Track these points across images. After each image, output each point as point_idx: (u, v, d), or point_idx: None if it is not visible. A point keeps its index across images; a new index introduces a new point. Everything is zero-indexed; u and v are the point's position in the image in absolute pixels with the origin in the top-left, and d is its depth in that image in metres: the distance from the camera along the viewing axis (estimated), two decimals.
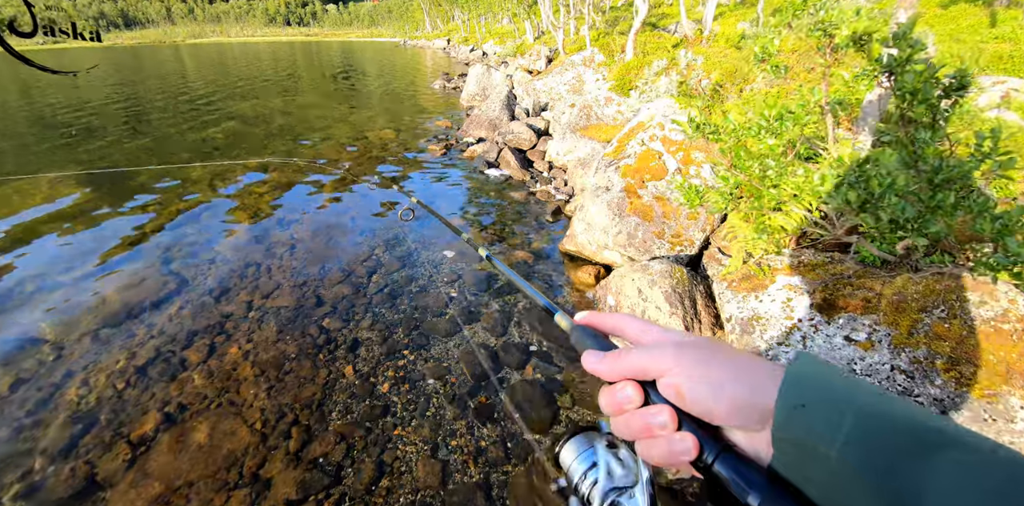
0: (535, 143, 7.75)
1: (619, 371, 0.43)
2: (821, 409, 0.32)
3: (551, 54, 13.41)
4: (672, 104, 4.23)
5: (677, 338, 0.44)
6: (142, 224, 5.47)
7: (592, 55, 9.71)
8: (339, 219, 5.44)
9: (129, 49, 79.92)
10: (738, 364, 0.39)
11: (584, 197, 4.22)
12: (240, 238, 5.09)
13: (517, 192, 6.02)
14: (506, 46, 23.64)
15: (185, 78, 22.10)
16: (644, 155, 3.83)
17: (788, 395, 0.34)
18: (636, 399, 0.41)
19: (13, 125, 11.50)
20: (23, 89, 19.01)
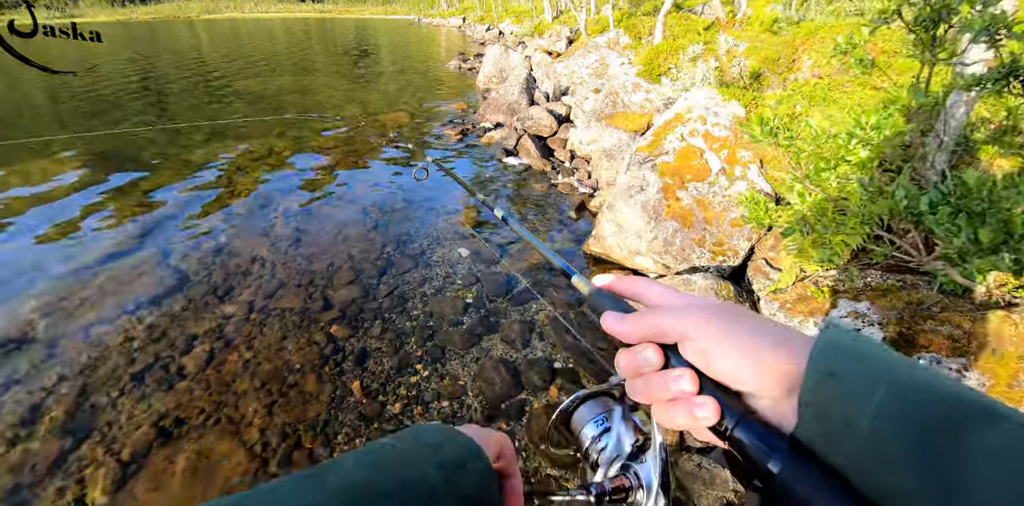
0: (556, 130, 7.35)
1: (641, 332, 0.41)
2: (853, 378, 0.30)
3: (572, 35, 12.82)
4: (714, 95, 3.84)
5: (701, 301, 0.42)
6: (143, 210, 5.23)
7: (617, 37, 9.19)
8: (348, 208, 5.15)
9: (144, 24, 79.29)
10: (767, 329, 0.37)
11: (614, 195, 3.88)
12: (244, 228, 4.83)
13: (537, 183, 5.67)
14: (523, 26, 22.86)
15: (200, 55, 21.72)
16: (684, 152, 3.47)
17: (819, 362, 0.32)
18: (656, 361, 0.40)
19: (29, 97, 11.31)
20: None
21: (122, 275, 4.21)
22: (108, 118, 9.34)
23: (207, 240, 4.68)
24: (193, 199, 5.57)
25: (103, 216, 5.20)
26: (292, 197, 5.47)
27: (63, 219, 5.12)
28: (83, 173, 6.31)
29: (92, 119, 9.36)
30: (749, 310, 0.41)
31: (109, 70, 16.15)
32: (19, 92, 12.50)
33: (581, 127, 6.17)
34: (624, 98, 6.24)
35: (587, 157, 6.20)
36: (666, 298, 0.44)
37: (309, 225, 4.86)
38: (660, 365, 0.40)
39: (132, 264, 4.36)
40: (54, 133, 8.17)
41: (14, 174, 6.36)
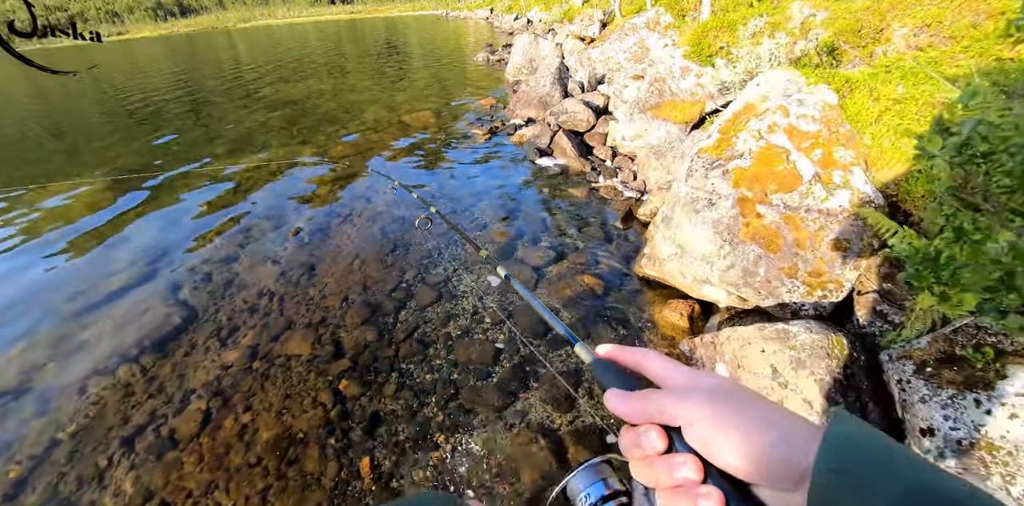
0: (593, 124, 6.63)
1: (645, 414, 0.40)
2: (861, 476, 0.30)
3: (605, 18, 11.92)
4: (795, 78, 3.07)
5: (707, 382, 0.40)
6: (156, 235, 4.92)
7: (657, 16, 8.30)
8: (365, 227, 4.66)
9: (185, 36, 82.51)
10: (773, 418, 0.36)
11: (672, 207, 3.19)
12: (255, 254, 4.43)
13: (576, 188, 5.01)
14: (552, 12, 21.91)
15: (238, 63, 21.96)
16: (764, 154, 2.73)
17: (827, 458, 0.31)
18: (660, 445, 0.38)
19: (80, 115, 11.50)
20: (94, 81, 19.44)
21: (127, 313, 3.89)
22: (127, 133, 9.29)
23: (217, 268, 4.32)
24: (204, 218, 5.24)
25: (116, 240, 4.94)
26: (305, 215, 5.04)
27: (76, 243, 4.90)
28: (99, 193, 6.11)
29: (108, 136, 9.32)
30: (754, 394, 0.39)
31: (139, 83, 16.45)
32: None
33: (623, 120, 5.44)
34: (672, 85, 5.46)
35: (631, 155, 5.48)
36: (669, 373, 0.43)
37: (323, 248, 4.40)
38: (663, 448, 0.38)
39: (138, 300, 4.03)
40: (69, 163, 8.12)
41: (21, 203, 6.22)
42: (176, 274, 4.34)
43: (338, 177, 5.99)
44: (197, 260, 4.50)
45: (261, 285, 4.00)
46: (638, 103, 5.39)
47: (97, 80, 19.97)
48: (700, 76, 5.44)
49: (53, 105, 14.59)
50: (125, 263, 4.69)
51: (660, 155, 4.70)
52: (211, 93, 13.39)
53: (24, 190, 6.59)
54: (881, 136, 2.76)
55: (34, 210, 5.88)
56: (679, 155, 4.43)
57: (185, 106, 11.76)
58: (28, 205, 6.06)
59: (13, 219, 5.66)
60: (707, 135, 3.24)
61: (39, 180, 7.03)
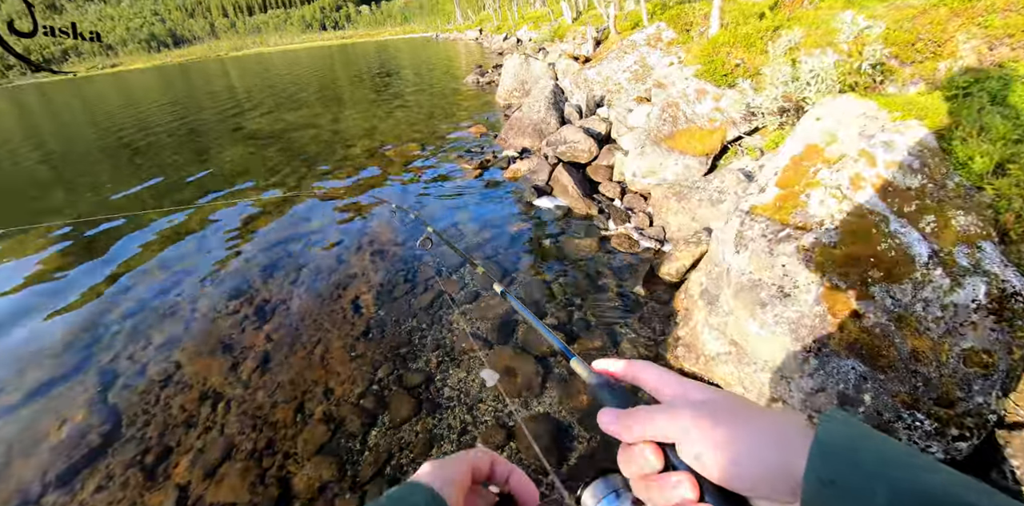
0: (596, 154, 5.91)
1: (637, 433, 0.40)
2: (853, 485, 0.29)
3: (599, 35, 11.36)
4: (872, 109, 2.33)
5: (697, 395, 0.40)
6: (97, 304, 4.13)
7: (658, 32, 7.68)
8: (334, 299, 3.89)
9: (178, 66, 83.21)
10: (764, 428, 0.36)
11: (719, 284, 2.42)
12: (202, 337, 3.66)
13: (582, 237, 4.24)
14: (542, 31, 21.56)
15: (233, 92, 21.48)
16: (853, 224, 1.97)
17: (816, 469, 0.31)
18: (656, 463, 0.38)
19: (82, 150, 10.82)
20: (92, 118, 18.92)
21: (38, 426, 3.11)
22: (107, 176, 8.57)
23: (156, 356, 3.55)
24: (157, 284, 4.48)
25: (52, 312, 4.19)
26: (266, 282, 4.27)
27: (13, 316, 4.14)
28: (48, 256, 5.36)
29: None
30: (744, 403, 0.39)
31: (123, 121, 15.86)
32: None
33: (633, 154, 4.71)
34: (686, 110, 4.75)
35: (643, 192, 4.73)
36: (664, 385, 0.43)
37: (282, 330, 3.62)
38: (659, 467, 0.38)
39: (58, 405, 3.25)
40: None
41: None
42: (113, 362, 3.58)
43: (308, 230, 5.24)
44: (137, 343, 3.74)
45: (204, 384, 3.22)
46: (649, 133, 4.66)
47: (92, 112, 19.45)
48: (719, 99, 4.74)
49: (32, 142, 13.95)
50: (58, 343, 3.93)
51: (681, 196, 3.95)
52: (201, 125, 12.76)
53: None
54: (1009, 192, 2.00)
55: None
56: (707, 200, 3.68)
57: (171, 139, 11.09)
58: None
59: None
60: (759, 187, 2.49)
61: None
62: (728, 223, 2.55)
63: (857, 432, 0.33)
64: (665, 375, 0.44)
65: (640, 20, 10.29)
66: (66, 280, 4.85)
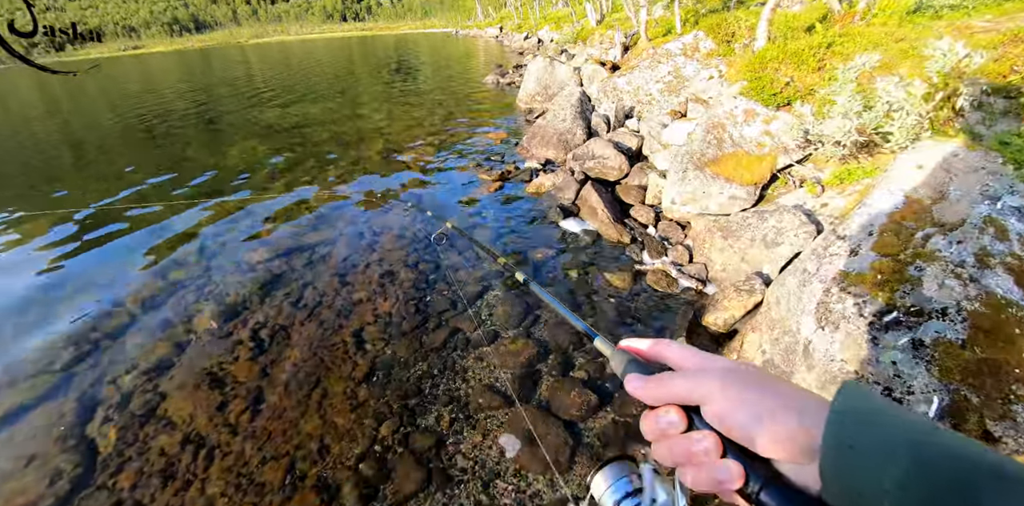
0: (627, 172, 5.50)
1: (663, 395, 0.41)
2: (869, 451, 0.30)
3: (628, 40, 10.92)
4: (994, 163, 1.92)
5: (722, 364, 0.42)
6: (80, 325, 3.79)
7: (695, 42, 7.25)
8: (335, 330, 3.52)
9: (198, 51, 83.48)
10: (785, 394, 0.37)
11: (795, 363, 2.02)
12: (187, 369, 3.30)
13: (614, 270, 3.83)
14: (564, 32, 21.13)
15: (251, 80, 21.21)
16: (986, 319, 1.54)
17: (834, 434, 0.32)
18: (679, 424, 0.40)
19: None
20: (111, 102, 18.73)
21: (11, 456, 2.80)
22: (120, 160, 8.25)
23: (141, 385, 3.23)
24: (151, 295, 4.13)
25: (35, 320, 3.85)
26: (265, 302, 3.90)
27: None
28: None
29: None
30: (766, 373, 0.41)
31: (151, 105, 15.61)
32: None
33: (673, 177, 4.29)
34: (733, 132, 4.33)
35: (681, 220, 4.32)
36: (688, 359, 0.44)
37: (279, 362, 3.26)
38: (683, 428, 0.39)
39: (28, 438, 2.93)
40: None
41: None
42: (96, 387, 3.26)
43: (306, 243, 4.87)
44: (124, 364, 3.42)
45: (189, 425, 2.87)
46: (691, 156, 4.25)
47: (111, 96, 19.27)
48: (769, 122, 4.31)
49: (50, 125, 13.69)
50: (38, 359, 3.61)
51: (728, 232, 3.54)
52: (217, 117, 12.45)
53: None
54: None
55: None
56: (760, 239, 3.27)
57: (184, 131, 10.79)
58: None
59: None
60: (847, 246, 2.08)
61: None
62: (805, 286, 2.13)
63: (875, 400, 0.34)
64: (687, 350, 0.45)
65: (672, 27, 9.84)
66: (53, 284, 4.52)
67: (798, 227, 3.07)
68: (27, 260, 5.01)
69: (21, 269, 4.83)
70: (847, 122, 3.12)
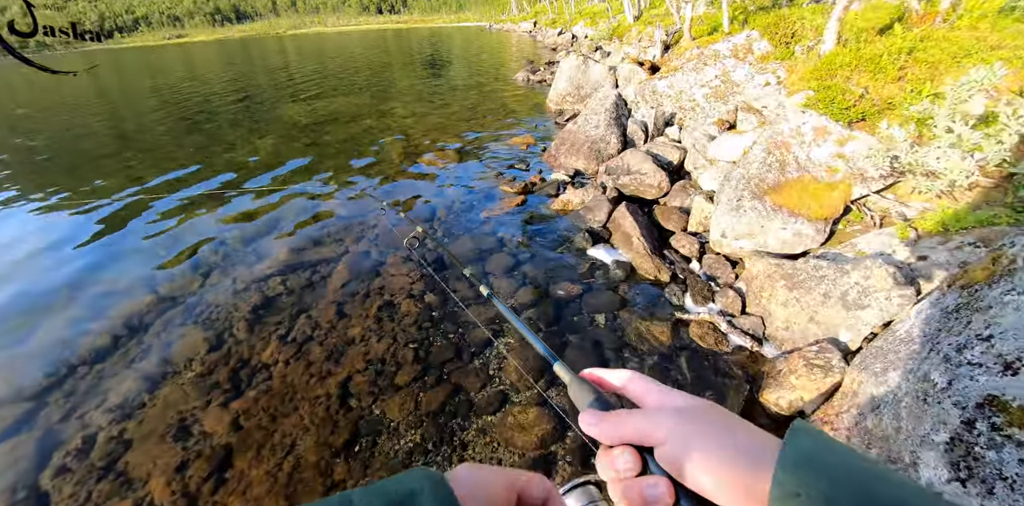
0: (666, 190, 4.87)
1: (617, 436, 0.40)
2: (815, 497, 0.30)
3: (669, 39, 10.15)
4: None
5: (679, 403, 0.41)
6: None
7: (748, 42, 6.51)
8: (314, 375, 3.04)
9: (238, 41, 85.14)
10: (739, 439, 0.36)
11: None
12: (170, 402, 2.88)
13: (650, 317, 3.23)
14: (599, 28, 20.31)
15: (288, 69, 21.13)
16: None
17: (782, 481, 0.32)
18: (633, 467, 0.39)
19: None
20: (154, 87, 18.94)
21: None
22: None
23: (107, 428, 2.89)
24: (138, 312, 3.75)
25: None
26: (253, 331, 3.46)
27: None
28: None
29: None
30: (723, 413, 0.40)
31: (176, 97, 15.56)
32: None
33: (725, 206, 3.65)
34: (799, 154, 3.67)
35: (733, 256, 3.69)
36: (647, 395, 0.43)
37: (252, 414, 2.80)
38: (637, 470, 0.39)
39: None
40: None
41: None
42: (63, 422, 2.94)
43: (306, 261, 4.41)
44: (95, 397, 3.09)
45: (144, 487, 2.45)
46: (748, 181, 3.60)
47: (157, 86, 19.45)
48: (843, 143, 3.63)
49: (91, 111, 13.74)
50: (9, 384, 3.28)
51: (794, 282, 2.90)
52: (245, 110, 12.23)
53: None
54: None
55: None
56: (837, 297, 2.63)
57: (214, 125, 10.56)
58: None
59: None
60: (999, 356, 1.46)
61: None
62: (927, 404, 1.53)
63: (823, 445, 0.34)
64: (650, 384, 0.44)
65: (719, 25, 9.04)
66: (48, 290, 4.20)
67: (890, 288, 2.43)
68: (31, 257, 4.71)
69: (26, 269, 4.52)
70: (960, 155, 2.44)
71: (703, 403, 0.41)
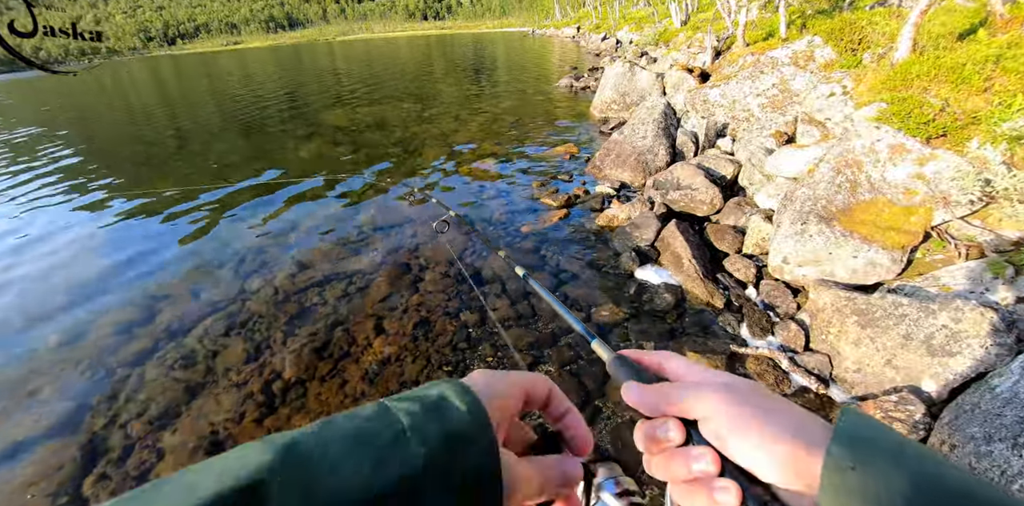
0: (719, 207, 4.60)
1: (661, 406, 0.40)
2: (871, 472, 0.30)
3: (720, 45, 9.78)
4: None
5: (724, 378, 0.41)
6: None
7: (809, 49, 6.14)
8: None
9: (291, 47, 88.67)
10: (788, 415, 0.36)
11: None
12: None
13: (704, 350, 2.98)
14: (644, 33, 19.93)
15: (337, 75, 21.78)
16: None
17: (838, 455, 0.31)
18: (677, 438, 0.38)
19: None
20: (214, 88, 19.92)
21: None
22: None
23: (147, 437, 2.91)
24: (179, 315, 3.80)
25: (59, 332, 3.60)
26: (286, 343, 3.42)
27: None
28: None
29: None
30: (768, 392, 0.39)
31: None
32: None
33: (788, 228, 3.38)
34: (873, 174, 3.36)
35: (794, 284, 3.41)
36: (689, 373, 0.43)
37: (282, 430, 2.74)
38: (680, 442, 0.38)
39: (20, 485, 2.64)
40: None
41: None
42: (107, 429, 2.99)
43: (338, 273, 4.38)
44: (137, 404, 3.14)
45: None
46: (815, 202, 3.32)
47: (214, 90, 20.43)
48: (924, 162, 3.30)
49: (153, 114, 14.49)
50: (57, 382, 3.36)
51: (868, 319, 2.62)
52: (288, 115, 12.60)
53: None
54: None
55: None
56: (920, 340, 2.33)
57: (257, 133, 10.91)
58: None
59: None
60: None
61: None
62: None
63: (877, 426, 0.33)
64: (691, 365, 0.44)
65: (774, 30, 8.61)
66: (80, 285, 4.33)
67: (987, 335, 2.13)
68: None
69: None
70: None
71: (747, 381, 0.40)
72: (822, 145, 4.36)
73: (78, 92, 25.51)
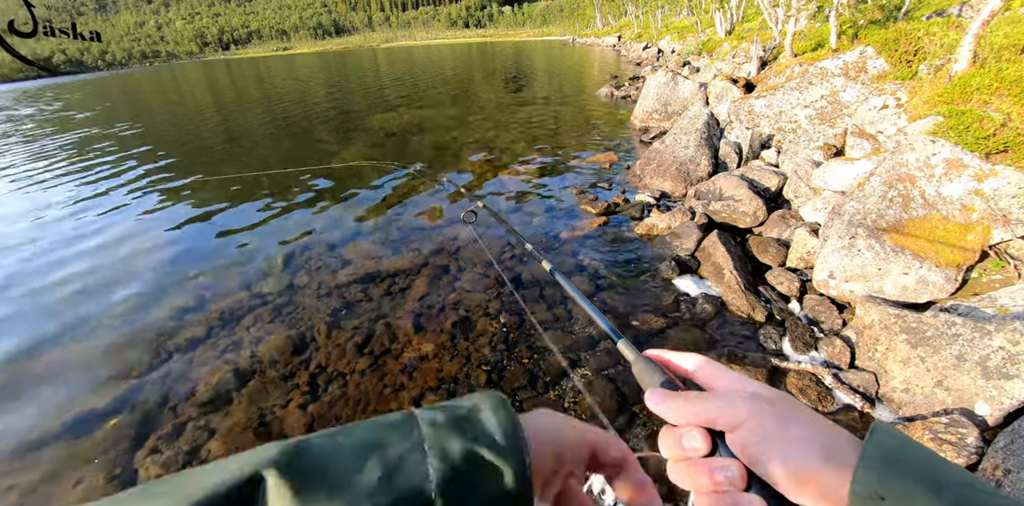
0: (762, 220, 4.54)
1: (687, 415, 0.38)
2: (902, 503, 0.28)
3: (766, 55, 9.62)
4: None
5: (753, 389, 0.39)
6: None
7: (861, 60, 6.00)
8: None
9: (337, 53, 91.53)
10: (816, 431, 0.34)
11: None
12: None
13: (744, 362, 2.95)
14: (687, 42, 19.73)
15: (379, 80, 22.48)
16: None
17: (865, 482, 0.30)
18: (703, 448, 0.37)
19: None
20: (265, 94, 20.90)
21: (58, 473, 2.75)
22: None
23: (196, 422, 3.02)
24: (216, 319, 4.01)
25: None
26: (321, 346, 3.56)
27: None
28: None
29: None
30: (800, 405, 0.38)
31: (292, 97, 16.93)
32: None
33: (835, 242, 3.32)
34: (927, 189, 3.27)
35: (840, 300, 3.33)
36: (717, 378, 0.41)
37: (320, 427, 2.85)
38: (706, 451, 0.37)
39: (75, 459, 2.84)
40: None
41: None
42: (155, 410, 3.14)
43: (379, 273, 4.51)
44: (184, 388, 3.30)
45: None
46: (864, 217, 3.25)
47: (267, 95, 21.41)
48: (982, 179, 3.19)
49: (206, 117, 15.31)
50: (117, 365, 3.59)
51: (920, 339, 2.55)
52: (336, 119, 13.07)
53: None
54: None
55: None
56: (975, 362, 2.26)
57: (304, 136, 11.37)
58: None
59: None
60: None
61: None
62: None
63: (910, 448, 0.31)
64: (720, 370, 0.42)
65: (824, 40, 8.43)
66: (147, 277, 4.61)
67: None
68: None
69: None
70: None
71: (778, 392, 0.39)
72: (873, 159, 4.25)
73: (159, 90, 27.05)
